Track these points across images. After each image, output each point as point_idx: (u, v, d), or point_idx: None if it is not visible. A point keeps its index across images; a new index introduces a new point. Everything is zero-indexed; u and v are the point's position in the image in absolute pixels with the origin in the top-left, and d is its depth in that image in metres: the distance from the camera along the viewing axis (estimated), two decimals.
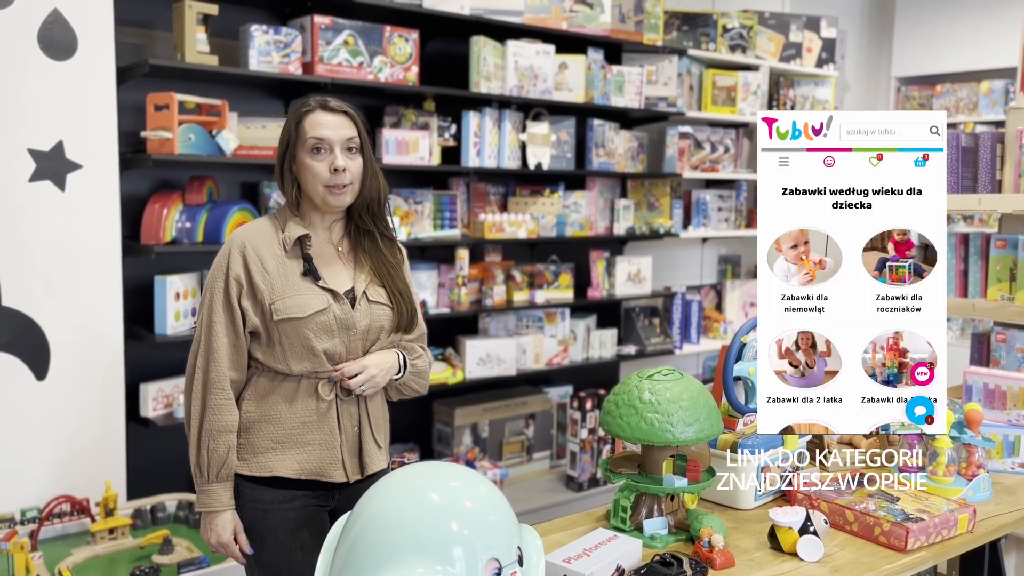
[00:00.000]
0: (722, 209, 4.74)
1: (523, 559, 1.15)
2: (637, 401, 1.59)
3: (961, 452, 1.89)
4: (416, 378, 1.92)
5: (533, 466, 4.04)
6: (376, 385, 1.81)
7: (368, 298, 1.80)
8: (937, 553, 1.61)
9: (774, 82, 4.91)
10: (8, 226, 2.49)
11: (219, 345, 1.72)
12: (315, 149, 1.75)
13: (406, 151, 3.37)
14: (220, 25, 3.00)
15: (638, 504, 1.66)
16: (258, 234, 1.78)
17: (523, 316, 3.95)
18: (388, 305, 1.82)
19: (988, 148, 2.73)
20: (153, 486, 2.89)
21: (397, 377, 1.87)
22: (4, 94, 2.46)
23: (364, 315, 1.79)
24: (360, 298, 1.79)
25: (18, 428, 2.55)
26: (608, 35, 3.96)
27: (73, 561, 2.42)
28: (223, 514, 1.74)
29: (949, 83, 5.75)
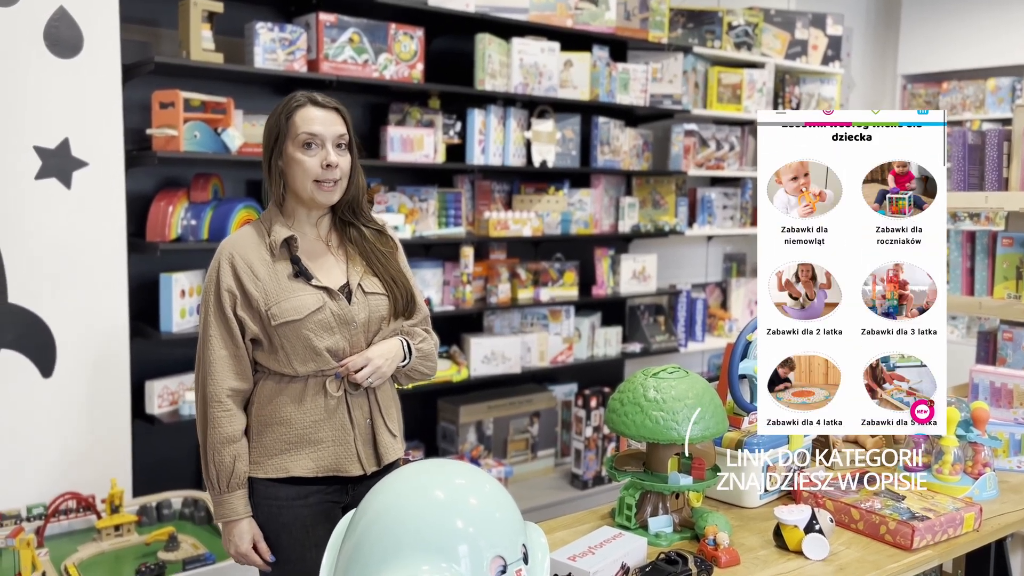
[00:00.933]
0: (727, 207, 4.73)
1: (528, 557, 1.15)
2: (642, 399, 1.59)
3: (967, 450, 1.88)
4: (423, 362, 1.91)
5: (537, 464, 4.04)
6: (383, 375, 1.80)
7: (364, 290, 1.80)
8: (943, 552, 1.61)
9: (779, 79, 4.90)
10: (14, 223, 2.50)
11: (215, 358, 1.73)
12: (307, 144, 1.74)
13: (411, 149, 3.37)
14: (225, 23, 3.00)
15: (643, 502, 1.66)
16: (245, 242, 1.77)
17: (528, 314, 3.94)
18: (384, 294, 1.82)
19: (995, 146, 2.72)
20: (159, 483, 2.90)
21: (404, 364, 1.86)
22: (10, 92, 2.47)
23: (362, 308, 1.78)
24: (356, 291, 1.79)
25: (24, 425, 2.55)
26: (613, 32, 3.96)
27: (79, 558, 2.43)
28: (239, 523, 1.74)
29: (955, 80, 5.73)
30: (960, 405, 1.92)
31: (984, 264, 2.80)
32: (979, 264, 2.81)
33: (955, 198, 2.81)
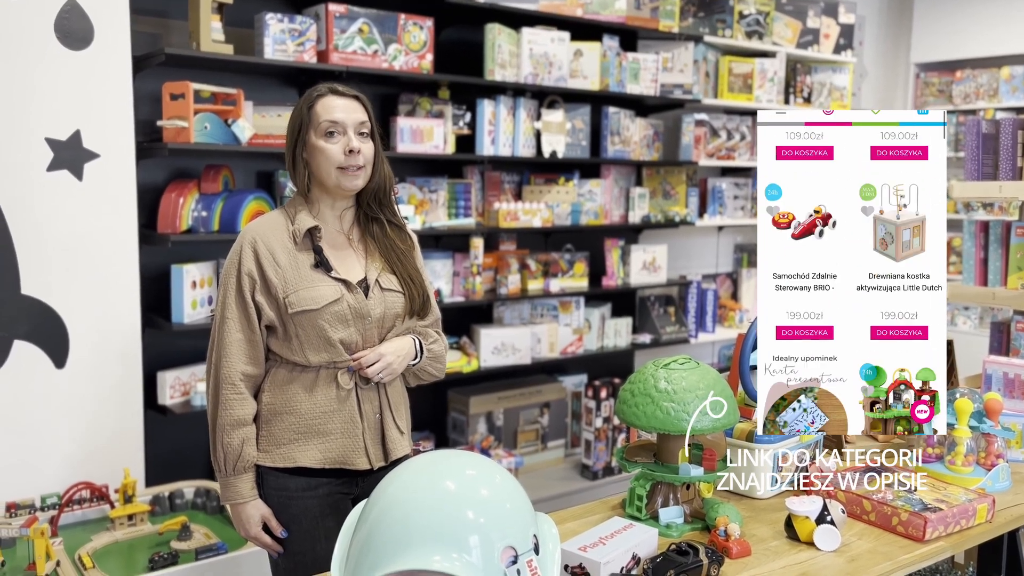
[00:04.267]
0: (738, 197, 4.71)
1: (539, 547, 1.15)
2: (653, 390, 1.59)
3: (980, 442, 1.87)
4: (433, 363, 1.93)
5: (547, 455, 4.05)
6: (393, 372, 1.81)
7: (381, 286, 1.80)
8: (955, 543, 1.60)
9: (791, 69, 4.87)
10: (27, 215, 2.51)
11: (231, 341, 1.74)
12: (329, 132, 1.75)
13: (420, 140, 3.36)
14: (235, 14, 3.00)
15: (654, 493, 1.66)
16: (269, 228, 1.78)
17: (538, 305, 3.94)
18: (400, 292, 1.83)
19: (1009, 135, 2.69)
20: (171, 473, 2.92)
21: (414, 363, 1.87)
22: (22, 83, 2.48)
23: (378, 303, 1.79)
24: (373, 286, 1.79)
25: (38, 415, 2.57)
26: (623, 22, 3.94)
27: (93, 547, 2.45)
28: (246, 506, 1.76)
29: (969, 69, 5.68)
30: (973, 396, 1.91)
31: (998, 254, 2.78)
32: (992, 254, 2.79)
33: (969, 188, 2.79)
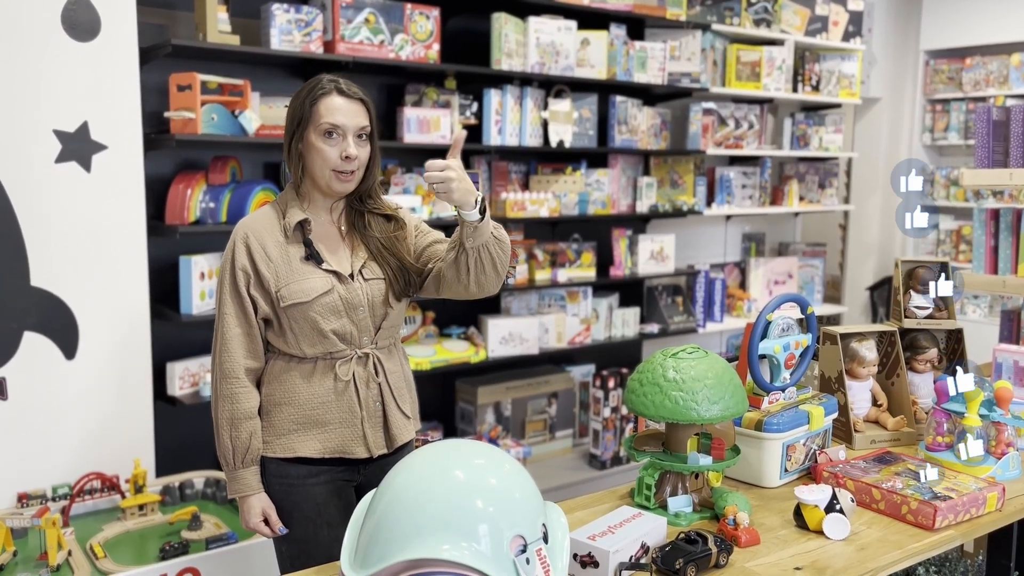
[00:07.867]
0: (746, 186, 4.69)
1: (548, 536, 1.15)
2: (661, 379, 1.59)
3: (990, 430, 1.87)
4: (499, 243, 1.74)
5: (555, 444, 4.05)
6: (449, 189, 1.64)
7: (363, 276, 1.81)
8: (965, 532, 1.60)
9: (799, 57, 4.84)
10: (36, 207, 2.52)
11: (231, 336, 1.75)
12: (328, 133, 1.74)
13: (427, 130, 3.36)
14: (241, 4, 2.99)
15: (662, 482, 1.66)
16: (260, 223, 1.79)
17: (545, 295, 3.94)
18: (381, 278, 1.82)
19: (1020, 122, 2.67)
20: (181, 463, 2.93)
21: (476, 220, 1.68)
22: (29, 75, 2.48)
23: (364, 293, 1.80)
24: (357, 277, 1.80)
25: (49, 406, 2.59)
26: (631, 10, 3.92)
27: (104, 537, 2.47)
28: (250, 498, 1.77)
29: (979, 56, 5.63)
30: (983, 384, 1.90)
31: (1008, 242, 2.76)
32: (1003, 242, 2.77)
33: (979, 175, 2.77)
